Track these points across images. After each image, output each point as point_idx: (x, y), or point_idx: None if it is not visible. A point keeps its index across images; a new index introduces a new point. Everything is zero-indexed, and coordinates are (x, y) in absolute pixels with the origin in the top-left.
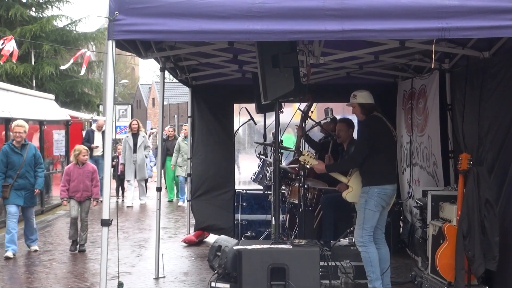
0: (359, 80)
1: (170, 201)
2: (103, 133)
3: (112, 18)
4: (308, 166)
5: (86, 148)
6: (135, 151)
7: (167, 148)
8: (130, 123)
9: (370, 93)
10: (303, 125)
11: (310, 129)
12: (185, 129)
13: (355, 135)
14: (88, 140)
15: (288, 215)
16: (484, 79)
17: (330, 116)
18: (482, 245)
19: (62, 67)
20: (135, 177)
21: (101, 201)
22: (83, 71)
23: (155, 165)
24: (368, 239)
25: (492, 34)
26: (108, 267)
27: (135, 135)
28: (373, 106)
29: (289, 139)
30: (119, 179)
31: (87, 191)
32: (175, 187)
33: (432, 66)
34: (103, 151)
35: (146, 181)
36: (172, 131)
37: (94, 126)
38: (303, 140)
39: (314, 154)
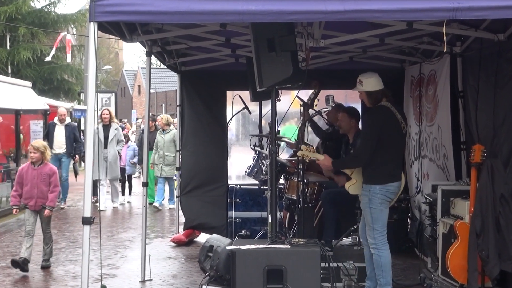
0: (362, 65)
1: (151, 203)
2: (66, 126)
3: None
4: (307, 161)
5: (42, 144)
6: (106, 146)
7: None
8: (101, 113)
9: (378, 77)
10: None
11: (307, 120)
12: (160, 120)
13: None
14: (48, 135)
15: (286, 213)
16: (499, 63)
17: (331, 104)
18: (496, 244)
19: (47, 59)
20: (106, 176)
21: (63, 208)
22: (68, 58)
23: (137, 160)
24: (381, 240)
25: (507, 15)
26: (90, 269)
27: (106, 127)
28: (382, 94)
29: (291, 130)
30: (122, 174)
31: (43, 198)
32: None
33: (444, 50)
34: (66, 147)
35: (121, 180)
36: (150, 122)
37: (56, 119)
38: (308, 128)
39: (314, 148)
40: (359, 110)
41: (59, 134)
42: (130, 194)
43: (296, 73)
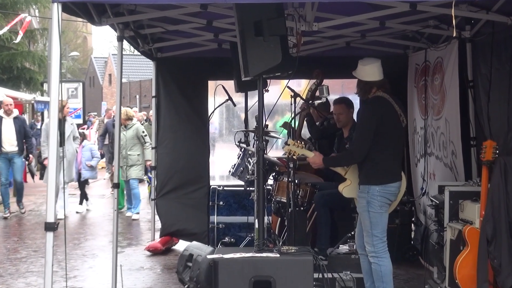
0: (361, 51)
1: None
2: (15, 119)
3: None
4: (295, 158)
5: None
6: (62, 143)
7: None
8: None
9: (374, 67)
10: (309, 106)
11: (300, 113)
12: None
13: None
14: None
15: (275, 217)
16: None
17: (325, 95)
18: (510, 252)
19: (15, 41)
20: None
21: (23, 213)
22: (18, 38)
23: (108, 159)
24: (381, 247)
25: None
26: (54, 281)
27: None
28: (372, 86)
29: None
30: (78, 179)
31: None
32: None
33: (454, 34)
34: (17, 144)
35: (82, 183)
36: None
37: (1, 112)
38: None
39: (303, 143)
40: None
41: (8, 129)
42: (87, 200)
43: (286, 60)
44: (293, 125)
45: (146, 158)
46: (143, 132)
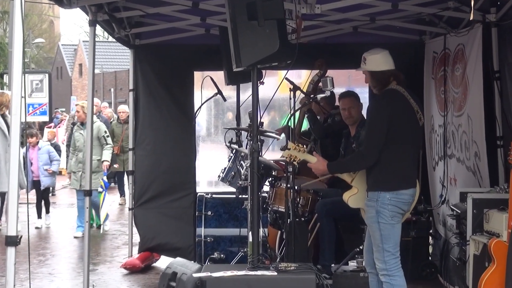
0: (370, 37)
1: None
2: None
3: None
4: (296, 164)
5: None
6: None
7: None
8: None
9: (386, 55)
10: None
11: (300, 109)
12: (79, 111)
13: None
14: None
15: (272, 229)
16: None
17: (329, 88)
18: None
19: None
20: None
21: None
22: None
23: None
24: (394, 264)
25: None
26: None
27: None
28: (389, 76)
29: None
30: (36, 188)
31: None
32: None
33: (471, 18)
34: None
35: (42, 193)
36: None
37: None
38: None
39: (305, 147)
40: (366, 97)
41: None
42: (48, 212)
43: (284, 48)
44: (292, 124)
45: (104, 159)
46: (105, 132)
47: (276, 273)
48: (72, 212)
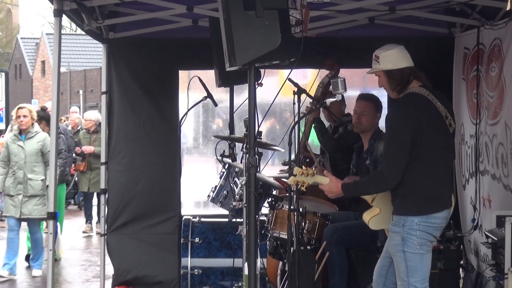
0: (389, 30)
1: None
2: None
3: None
4: (304, 189)
5: None
6: None
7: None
8: None
9: (401, 50)
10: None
11: (306, 116)
12: (26, 115)
13: (382, 124)
14: None
15: (272, 260)
16: None
17: (340, 91)
18: None
19: None
20: None
21: None
22: None
23: None
24: None
25: None
26: None
27: None
28: (409, 74)
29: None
30: None
31: None
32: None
33: (508, 7)
34: None
35: None
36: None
37: None
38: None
39: (314, 169)
40: (384, 102)
41: None
42: None
43: (286, 43)
44: (296, 134)
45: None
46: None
47: None
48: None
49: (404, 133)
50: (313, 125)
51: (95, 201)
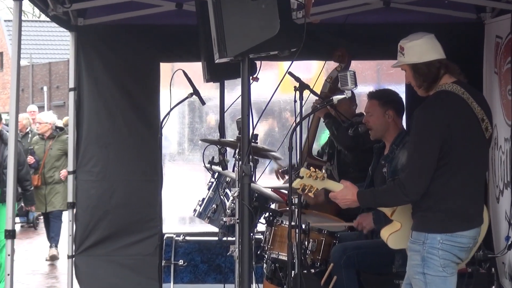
0: (407, 16)
1: None
2: None
3: None
4: (311, 195)
5: None
6: None
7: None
8: None
9: (432, 39)
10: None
11: (310, 116)
12: None
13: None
14: None
15: (269, 285)
16: None
17: (350, 87)
18: None
19: None
20: None
21: None
22: None
23: None
24: None
25: None
26: None
27: None
28: (438, 66)
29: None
30: None
31: None
32: None
33: None
34: None
35: None
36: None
37: None
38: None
39: (324, 172)
40: (403, 98)
41: None
42: None
43: (287, 30)
44: (298, 137)
45: None
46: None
47: None
48: None
49: (432, 140)
50: (324, 121)
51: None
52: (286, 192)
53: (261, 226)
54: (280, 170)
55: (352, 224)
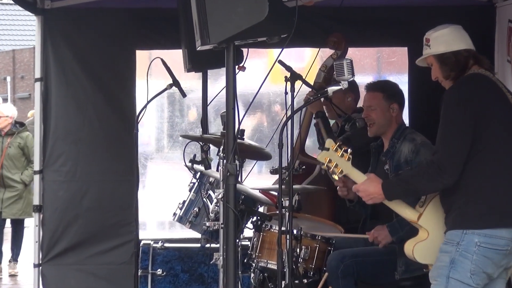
0: None
1: None
2: None
3: None
4: (336, 178)
5: None
6: None
7: None
8: None
9: (459, 29)
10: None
11: (302, 109)
12: None
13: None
14: None
15: None
16: None
17: (346, 77)
18: None
19: None
20: None
21: None
22: None
23: None
24: None
25: None
26: None
27: None
28: (467, 56)
29: None
30: None
31: None
32: None
33: None
34: None
35: None
36: None
37: None
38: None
39: (350, 153)
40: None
41: None
42: None
43: (276, 14)
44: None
45: None
46: None
47: None
48: None
49: (465, 117)
50: (314, 120)
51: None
52: (276, 193)
53: (248, 232)
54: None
55: (367, 237)
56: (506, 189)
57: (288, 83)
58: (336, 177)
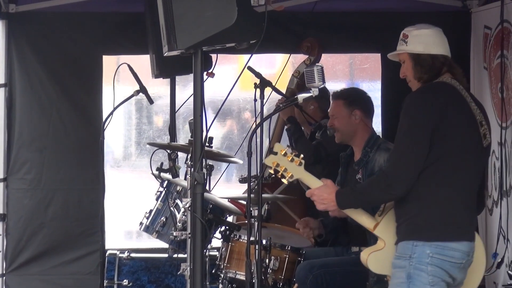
0: (384, 3)
1: None
2: None
3: None
4: (285, 182)
5: None
6: None
7: None
8: None
9: (440, 33)
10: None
11: (271, 116)
12: None
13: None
14: None
15: None
16: None
17: (316, 83)
18: None
19: None
20: None
21: None
22: None
23: None
24: None
25: None
26: None
27: None
28: (442, 62)
29: None
30: None
31: None
32: None
33: None
34: None
35: None
36: None
37: None
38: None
39: (301, 157)
40: (377, 97)
41: None
42: None
43: (245, 19)
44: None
45: None
46: None
47: None
48: None
49: (423, 123)
50: (285, 126)
51: None
52: (245, 203)
53: (216, 242)
54: (238, 179)
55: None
56: (457, 202)
57: (258, 90)
58: (285, 181)
